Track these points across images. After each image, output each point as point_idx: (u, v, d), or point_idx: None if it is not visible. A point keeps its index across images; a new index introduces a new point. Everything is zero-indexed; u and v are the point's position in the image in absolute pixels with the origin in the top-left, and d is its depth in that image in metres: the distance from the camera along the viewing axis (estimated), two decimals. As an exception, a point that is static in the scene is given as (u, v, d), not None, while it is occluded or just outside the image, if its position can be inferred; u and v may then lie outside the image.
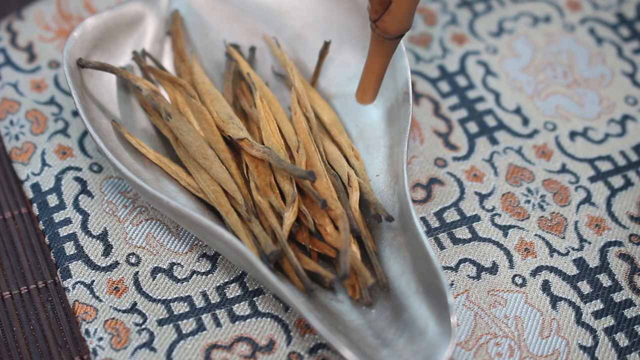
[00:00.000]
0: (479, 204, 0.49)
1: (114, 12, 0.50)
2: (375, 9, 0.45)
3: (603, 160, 0.51)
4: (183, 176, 0.47)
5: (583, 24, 0.57)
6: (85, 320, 0.45)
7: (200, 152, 0.47)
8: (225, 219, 0.45)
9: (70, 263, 0.46)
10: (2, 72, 0.53)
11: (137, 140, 0.47)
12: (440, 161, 0.51)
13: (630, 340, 0.45)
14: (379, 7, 0.45)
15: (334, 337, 0.41)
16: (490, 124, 0.53)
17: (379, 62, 0.47)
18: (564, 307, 0.46)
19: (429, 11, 0.58)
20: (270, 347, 0.44)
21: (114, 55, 0.50)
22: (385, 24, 0.45)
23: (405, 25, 0.45)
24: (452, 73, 0.55)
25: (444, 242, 0.48)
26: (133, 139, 0.47)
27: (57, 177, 0.49)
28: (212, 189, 0.46)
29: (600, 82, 0.55)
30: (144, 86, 0.48)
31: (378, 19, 0.45)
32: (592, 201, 0.50)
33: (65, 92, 0.53)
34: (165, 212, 0.45)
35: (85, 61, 0.48)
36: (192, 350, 0.44)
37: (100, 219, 0.48)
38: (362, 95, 0.48)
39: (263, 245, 0.44)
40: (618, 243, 0.48)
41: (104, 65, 0.48)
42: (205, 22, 0.53)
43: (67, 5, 0.56)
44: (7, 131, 0.51)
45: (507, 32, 0.57)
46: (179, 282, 0.46)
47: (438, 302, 0.42)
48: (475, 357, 0.44)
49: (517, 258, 0.47)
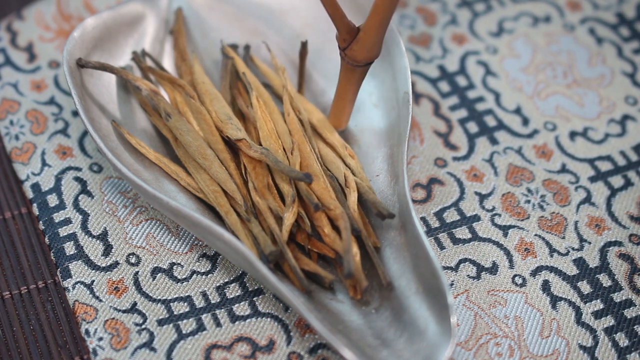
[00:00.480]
0: (479, 204, 0.49)
1: (114, 12, 0.50)
2: (343, 38, 0.45)
3: (603, 160, 0.51)
4: (183, 176, 0.47)
5: (583, 24, 0.57)
6: (85, 320, 0.45)
7: (199, 152, 0.47)
8: (224, 219, 0.45)
9: (70, 263, 0.46)
10: (2, 72, 0.53)
11: (137, 141, 0.47)
12: (440, 161, 0.51)
13: (630, 340, 0.45)
14: (348, 36, 0.45)
15: (334, 337, 0.41)
16: (490, 124, 0.53)
17: (349, 89, 0.48)
18: (564, 307, 0.46)
19: (429, 11, 0.58)
20: (270, 347, 0.44)
21: (114, 55, 0.50)
22: (354, 52, 0.46)
23: (373, 53, 0.46)
24: (452, 73, 0.55)
25: (444, 242, 0.48)
26: (133, 139, 0.47)
27: (57, 177, 0.49)
28: (212, 189, 0.46)
29: (600, 82, 0.55)
30: (143, 86, 0.48)
31: (347, 47, 0.46)
32: (592, 201, 0.50)
33: (65, 92, 0.53)
34: (165, 212, 0.45)
35: (85, 61, 0.48)
36: (192, 350, 0.44)
37: (100, 219, 0.48)
38: (335, 120, 0.49)
39: (262, 245, 0.44)
40: (618, 243, 0.48)
41: (103, 65, 0.48)
42: (205, 22, 0.53)
43: (67, 5, 0.56)
44: (7, 131, 0.51)
45: (507, 32, 0.57)
46: (179, 282, 0.46)
47: (438, 302, 0.42)
48: (475, 357, 0.44)
49: (517, 258, 0.47)
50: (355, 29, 0.45)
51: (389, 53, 0.49)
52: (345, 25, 0.45)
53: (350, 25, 0.45)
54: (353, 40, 0.45)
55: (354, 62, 0.46)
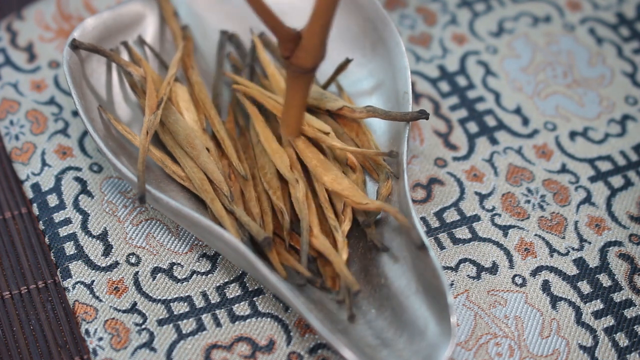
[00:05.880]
0: (479, 204, 0.49)
1: (114, 12, 0.50)
2: (285, 46, 0.44)
3: (603, 160, 0.51)
4: (169, 164, 0.47)
5: (583, 24, 0.57)
6: (85, 320, 0.45)
7: (187, 142, 0.47)
8: (210, 206, 0.45)
9: (70, 263, 0.46)
10: (2, 72, 0.53)
11: (123, 127, 0.47)
12: (440, 161, 0.51)
13: (630, 340, 0.45)
14: (290, 44, 0.44)
15: (334, 337, 0.41)
16: (490, 124, 0.53)
17: (298, 97, 0.46)
18: (564, 307, 0.46)
19: (429, 11, 0.58)
20: (270, 347, 0.44)
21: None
22: (299, 60, 0.44)
23: (319, 58, 0.44)
24: (452, 73, 0.55)
25: (444, 242, 0.48)
26: (119, 125, 0.47)
27: (57, 177, 0.49)
28: (198, 176, 0.46)
29: (600, 82, 0.55)
30: (134, 72, 0.48)
31: (291, 56, 0.44)
32: (592, 201, 0.50)
33: (65, 92, 0.53)
34: (165, 212, 0.45)
35: (78, 42, 0.48)
36: (192, 350, 0.44)
37: (100, 219, 0.48)
38: (288, 130, 0.47)
39: (255, 233, 0.44)
40: (618, 243, 0.48)
41: (96, 48, 0.48)
42: (205, 22, 0.53)
43: (67, 5, 0.56)
44: (7, 131, 0.51)
45: (507, 32, 0.57)
46: (179, 282, 0.46)
47: (438, 302, 0.42)
48: (475, 357, 0.44)
49: (517, 258, 0.47)
50: (297, 36, 0.44)
51: (389, 53, 0.49)
52: (285, 33, 0.44)
53: (291, 32, 0.44)
54: (296, 47, 0.44)
55: (300, 69, 0.44)
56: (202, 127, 0.48)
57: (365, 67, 0.51)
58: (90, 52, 0.49)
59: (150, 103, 0.47)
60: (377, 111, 0.47)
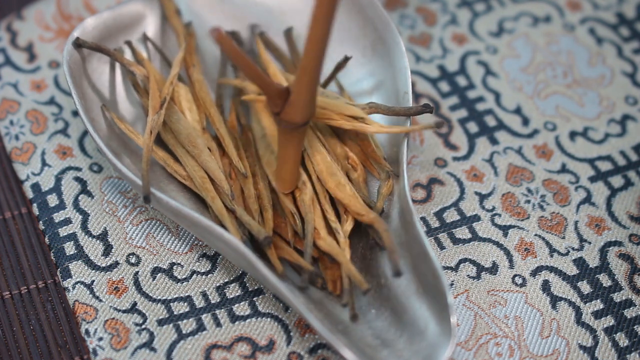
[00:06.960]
0: (479, 204, 0.49)
1: (114, 12, 0.50)
2: (274, 103, 0.43)
3: (603, 160, 0.51)
4: (170, 163, 0.47)
5: (583, 24, 0.57)
6: (85, 320, 0.45)
7: (189, 141, 0.47)
8: (210, 204, 0.45)
9: (70, 263, 0.46)
10: (2, 72, 0.53)
11: (126, 125, 0.47)
12: (440, 161, 0.51)
13: (630, 340, 0.45)
14: (279, 100, 0.43)
15: (334, 337, 0.41)
16: (490, 124, 0.53)
17: (292, 151, 0.45)
18: (564, 307, 0.46)
19: (429, 11, 0.58)
20: (270, 347, 0.44)
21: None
22: (289, 116, 0.43)
23: (308, 113, 0.44)
24: (452, 73, 0.55)
25: (444, 242, 0.48)
26: (122, 124, 0.47)
27: (57, 177, 0.49)
28: (200, 175, 0.46)
29: (600, 82, 0.55)
30: (137, 71, 0.48)
31: (281, 112, 0.44)
32: (592, 201, 0.50)
33: (65, 92, 0.53)
34: (165, 212, 0.45)
35: (82, 40, 0.48)
36: (192, 350, 0.44)
37: (100, 219, 0.48)
38: (283, 184, 0.46)
39: (256, 232, 0.44)
40: (618, 243, 0.48)
41: (99, 46, 0.48)
42: (206, 22, 0.53)
43: (67, 5, 0.56)
44: (7, 131, 0.51)
45: (507, 32, 0.57)
46: (179, 282, 0.46)
47: (438, 302, 0.42)
48: (475, 357, 0.44)
49: (517, 258, 0.48)
50: (285, 91, 0.43)
51: (388, 53, 0.49)
52: (273, 90, 0.43)
53: (279, 88, 0.43)
54: (285, 103, 0.43)
55: (291, 125, 0.44)
56: (202, 125, 0.48)
57: (365, 67, 0.51)
58: (93, 50, 0.49)
59: (154, 103, 0.47)
60: (379, 107, 0.47)
